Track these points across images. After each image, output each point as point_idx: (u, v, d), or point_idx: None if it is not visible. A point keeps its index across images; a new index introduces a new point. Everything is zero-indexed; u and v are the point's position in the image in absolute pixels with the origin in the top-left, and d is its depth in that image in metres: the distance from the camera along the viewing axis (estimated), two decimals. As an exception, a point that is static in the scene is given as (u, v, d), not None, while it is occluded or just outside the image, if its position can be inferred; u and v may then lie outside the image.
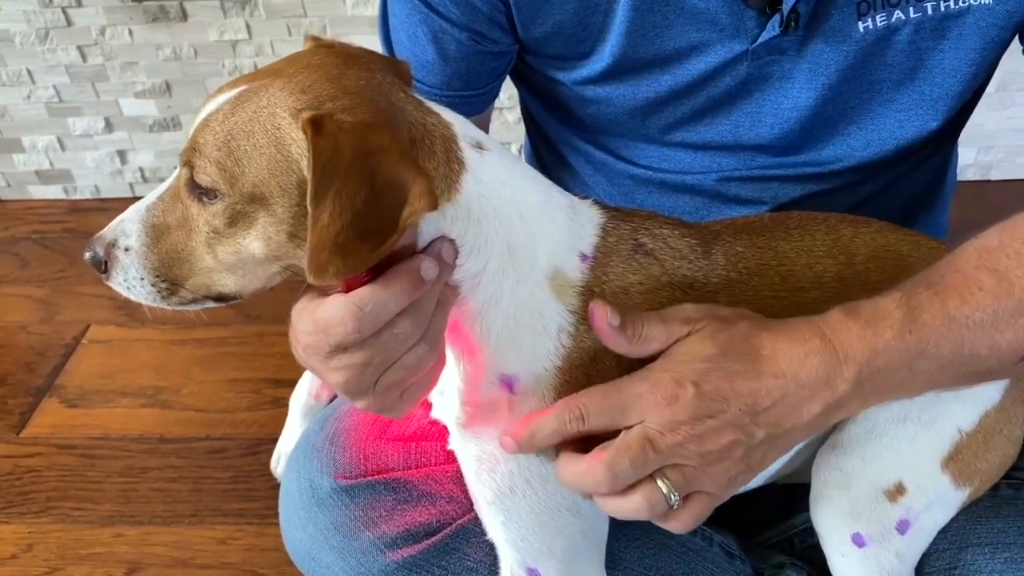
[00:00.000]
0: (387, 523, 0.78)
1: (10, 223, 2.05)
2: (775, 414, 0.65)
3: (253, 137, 0.60)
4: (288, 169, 0.60)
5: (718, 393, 0.64)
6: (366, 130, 0.58)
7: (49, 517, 1.41)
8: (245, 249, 0.63)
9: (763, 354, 0.65)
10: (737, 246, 0.75)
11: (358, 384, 0.62)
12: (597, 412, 0.65)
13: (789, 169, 0.91)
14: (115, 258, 0.66)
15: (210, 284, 0.66)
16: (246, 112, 0.61)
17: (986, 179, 1.92)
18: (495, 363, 0.68)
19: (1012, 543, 0.77)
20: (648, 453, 0.63)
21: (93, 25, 1.82)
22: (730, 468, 0.66)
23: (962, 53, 0.83)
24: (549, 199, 0.70)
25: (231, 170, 0.61)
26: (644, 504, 0.64)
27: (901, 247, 0.78)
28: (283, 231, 0.62)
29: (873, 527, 0.74)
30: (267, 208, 0.61)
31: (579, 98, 0.90)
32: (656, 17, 0.81)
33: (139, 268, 0.65)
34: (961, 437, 0.74)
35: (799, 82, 0.85)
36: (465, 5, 0.83)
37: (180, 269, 0.66)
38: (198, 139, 0.62)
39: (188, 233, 0.65)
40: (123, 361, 1.67)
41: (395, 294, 0.59)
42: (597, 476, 0.64)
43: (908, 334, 0.65)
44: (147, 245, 0.65)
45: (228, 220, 0.62)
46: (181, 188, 0.64)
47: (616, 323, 0.65)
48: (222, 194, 0.61)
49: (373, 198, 0.57)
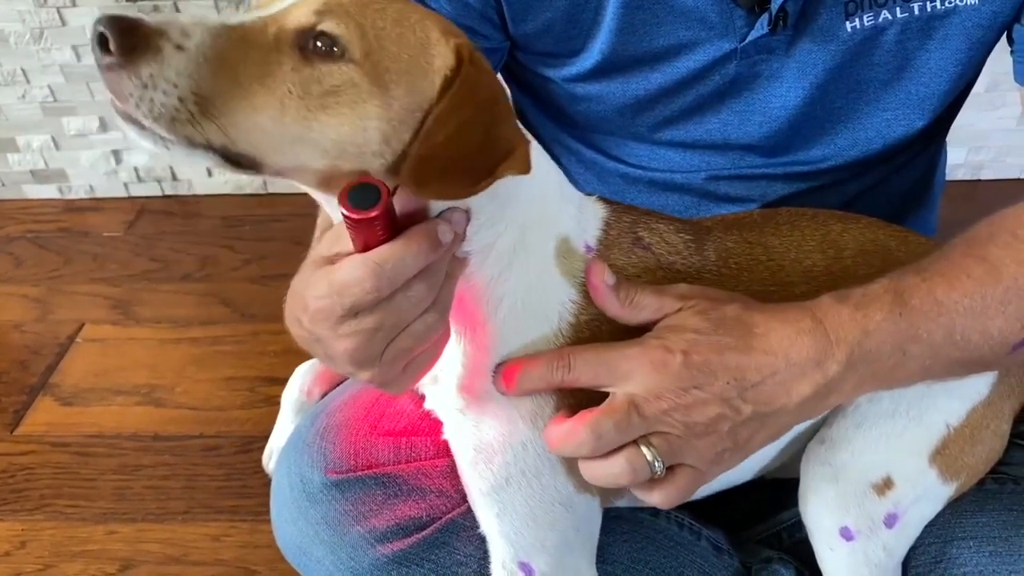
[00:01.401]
0: (377, 517, 0.78)
1: (5, 222, 2.05)
2: (764, 391, 0.65)
3: (401, 27, 0.59)
4: (425, 75, 0.59)
5: (707, 364, 0.64)
6: (499, 82, 0.62)
7: (43, 514, 1.41)
8: (323, 126, 0.57)
9: (755, 331, 0.65)
10: (728, 242, 0.76)
11: (367, 351, 0.62)
12: (583, 365, 0.65)
13: (777, 168, 0.92)
14: (157, 47, 0.53)
15: (242, 138, 0.57)
16: (396, 4, 0.60)
17: (976, 179, 1.93)
18: (498, 344, 0.68)
19: (997, 537, 0.77)
20: (633, 417, 0.63)
21: (88, 25, 1.82)
22: (716, 443, 0.66)
23: (948, 53, 0.84)
24: (563, 187, 0.71)
25: (372, 42, 0.58)
26: (627, 468, 0.64)
27: (889, 242, 0.78)
28: (380, 128, 0.58)
29: (861, 521, 0.74)
30: (385, 97, 0.58)
31: (569, 96, 0.91)
32: (646, 15, 0.82)
33: (181, 73, 0.54)
34: (949, 432, 0.75)
35: (787, 81, 0.85)
36: (457, 1, 0.84)
37: (227, 103, 0.55)
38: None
39: (262, 76, 0.56)
40: (117, 359, 1.67)
41: (414, 253, 0.59)
42: (580, 437, 0.64)
43: (898, 316, 0.65)
44: (206, 57, 0.54)
45: (332, 88, 0.57)
46: (284, 30, 0.57)
47: (611, 282, 0.66)
48: (349, 59, 0.57)
49: (486, 143, 0.59)
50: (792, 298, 0.73)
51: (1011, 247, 0.67)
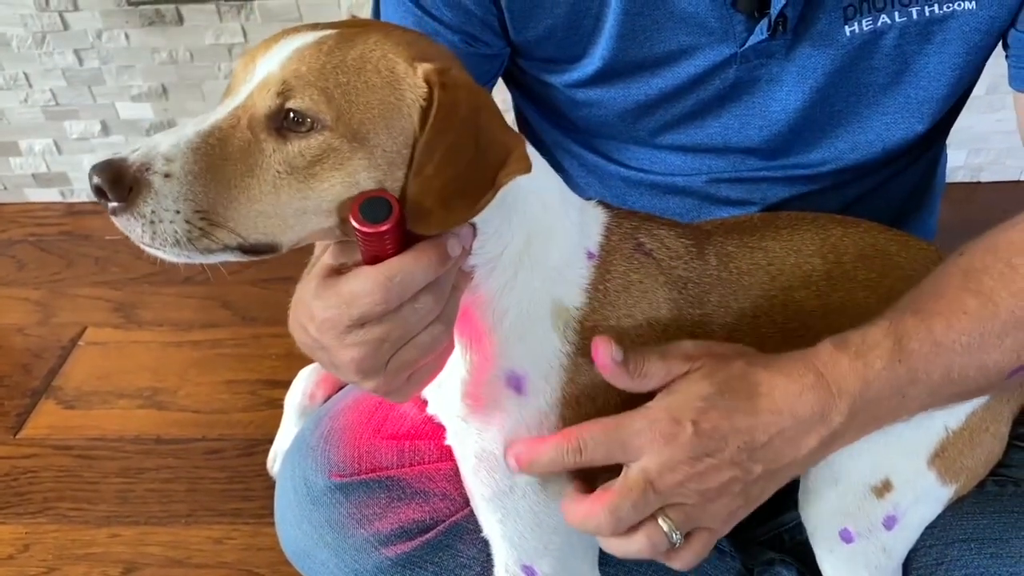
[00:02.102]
0: (381, 520, 0.79)
1: (7, 226, 2.05)
2: (772, 450, 0.66)
3: (364, 75, 0.59)
4: (400, 113, 0.59)
5: (716, 431, 0.65)
6: (476, 90, 0.60)
7: (46, 518, 1.41)
8: (318, 194, 0.59)
9: (760, 391, 0.66)
10: (728, 246, 0.76)
11: (372, 362, 0.62)
12: (595, 446, 0.66)
13: (778, 171, 0.92)
14: (147, 183, 0.56)
15: (252, 230, 0.59)
16: (353, 51, 0.60)
17: (976, 181, 1.93)
18: (503, 355, 0.68)
19: (997, 539, 0.77)
20: (649, 495, 0.65)
21: (89, 29, 1.83)
22: (729, 503, 0.67)
23: (947, 57, 0.84)
24: (564, 195, 0.72)
25: (339, 102, 0.58)
26: (647, 544, 0.66)
27: (889, 247, 0.79)
28: (373, 178, 0.59)
29: (861, 523, 0.75)
30: (366, 149, 0.59)
31: (570, 101, 0.91)
32: (646, 21, 0.82)
33: (178, 198, 0.56)
34: (948, 435, 0.75)
35: (787, 85, 0.86)
36: (458, 8, 0.84)
37: (228, 207, 0.58)
38: (298, 68, 0.59)
39: (250, 168, 0.59)
40: (120, 363, 1.67)
41: (423, 267, 0.59)
42: (600, 519, 0.65)
43: (898, 363, 0.66)
44: (194, 174, 0.57)
45: (315, 158, 0.58)
46: (256, 118, 0.59)
47: (619, 359, 0.66)
48: (323, 127, 0.58)
49: (478, 156, 0.59)
50: (792, 302, 0.74)
51: (1006, 277, 0.68)
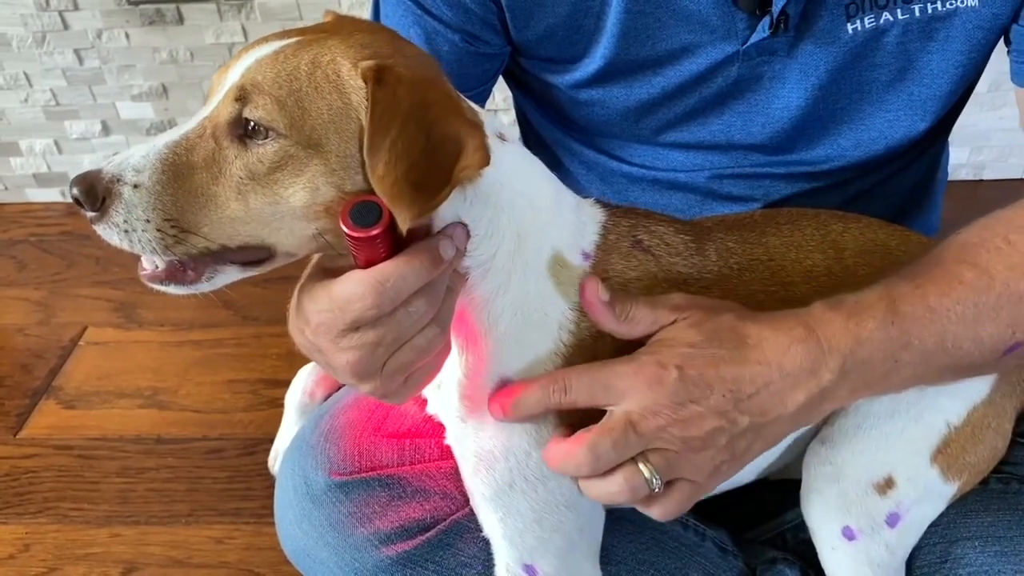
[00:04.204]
0: (381, 519, 0.78)
1: (7, 226, 2.05)
2: (759, 402, 0.65)
3: (314, 81, 0.60)
4: (347, 116, 0.60)
5: (702, 378, 0.64)
6: (423, 84, 0.60)
7: (46, 517, 1.41)
8: (285, 200, 0.60)
9: (748, 342, 0.65)
10: (728, 242, 0.76)
11: (368, 365, 0.62)
12: (580, 386, 0.66)
13: (780, 168, 0.92)
14: (117, 194, 0.59)
15: (233, 234, 0.61)
16: (306, 57, 0.60)
17: (979, 178, 1.93)
18: (498, 357, 0.68)
19: (1002, 536, 0.77)
20: (630, 435, 0.64)
21: (90, 28, 1.83)
22: (714, 456, 0.66)
23: (949, 55, 0.84)
24: (558, 194, 0.71)
25: (292, 110, 0.59)
26: (625, 486, 0.65)
27: (890, 242, 0.79)
28: (332, 183, 0.60)
29: (863, 520, 0.75)
30: (321, 155, 0.60)
31: (572, 100, 0.91)
32: (648, 19, 0.82)
33: (147, 208, 0.59)
34: (950, 431, 0.75)
35: (789, 83, 0.85)
36: (458, 7, 0.84)
37: (197, 214, 0.61)
38: (254, 77, 0.60)
39: (215, 176, 0.60)
40: (120, 362, 1.67)
41: (415, 270, 0.59)
42: (579, 457, 0.64)
43: (891, 325, 0.66)
44: (162, 184, 0.60)
45: (274, 165, 0.60)
46: (219, 126, 0.61)
47: (605, 298, 0.66)
48: (277, 135, 0.59)
49: (429, 150, 0.58)
50: (793, 298, 0.73)
51: (1003, 252, 0.68)
